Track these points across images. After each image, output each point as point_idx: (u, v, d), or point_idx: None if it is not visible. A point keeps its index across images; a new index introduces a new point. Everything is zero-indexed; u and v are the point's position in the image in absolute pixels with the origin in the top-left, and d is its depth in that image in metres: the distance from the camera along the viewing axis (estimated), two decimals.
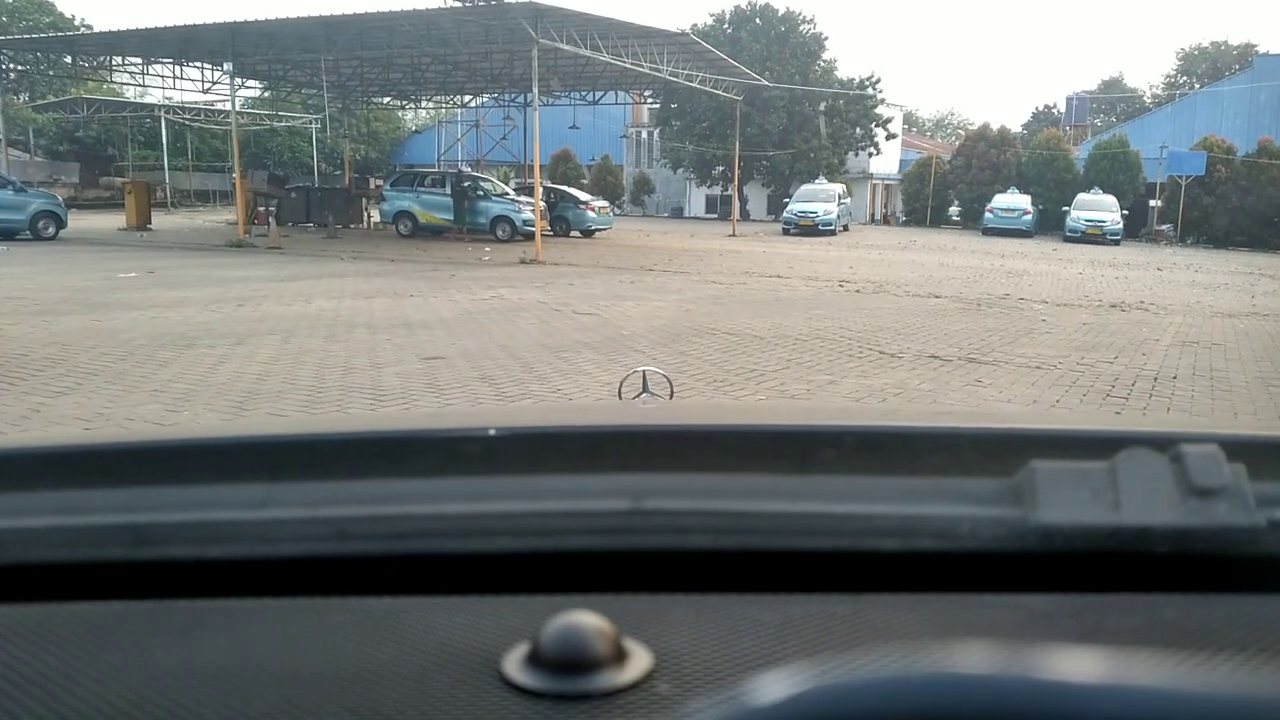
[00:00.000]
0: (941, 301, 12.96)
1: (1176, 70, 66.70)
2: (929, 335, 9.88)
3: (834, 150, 39.03)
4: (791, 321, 10.54)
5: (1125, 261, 23.52)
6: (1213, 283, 18.07)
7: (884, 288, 14.74)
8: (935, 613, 0.53)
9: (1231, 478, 0.55)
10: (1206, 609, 0.54)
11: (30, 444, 0.87)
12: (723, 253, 21.94)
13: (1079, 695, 0.27)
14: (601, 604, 0.52)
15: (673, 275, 16.01)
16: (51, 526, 0.61)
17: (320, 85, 22.61)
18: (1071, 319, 11.59)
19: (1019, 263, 21.70)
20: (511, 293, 12.47)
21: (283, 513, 0.62)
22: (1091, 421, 1.59)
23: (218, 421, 5.57)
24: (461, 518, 0.60)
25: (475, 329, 9.54)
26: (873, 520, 0.58)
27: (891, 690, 0.29)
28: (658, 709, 0.44)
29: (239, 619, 0.54)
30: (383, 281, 13.50)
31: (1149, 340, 10.06)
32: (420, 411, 5.89)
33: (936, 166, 38.44)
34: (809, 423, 0.83)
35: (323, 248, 19.82)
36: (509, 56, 23.76)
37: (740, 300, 12.51)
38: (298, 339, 8.71)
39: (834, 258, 21.42)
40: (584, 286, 13.58)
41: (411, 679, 0.47)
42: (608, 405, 1.92)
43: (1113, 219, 30.55)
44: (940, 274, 17.82)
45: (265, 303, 10.95)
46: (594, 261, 18.37)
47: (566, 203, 26.26)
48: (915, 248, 25.67)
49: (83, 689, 0.47)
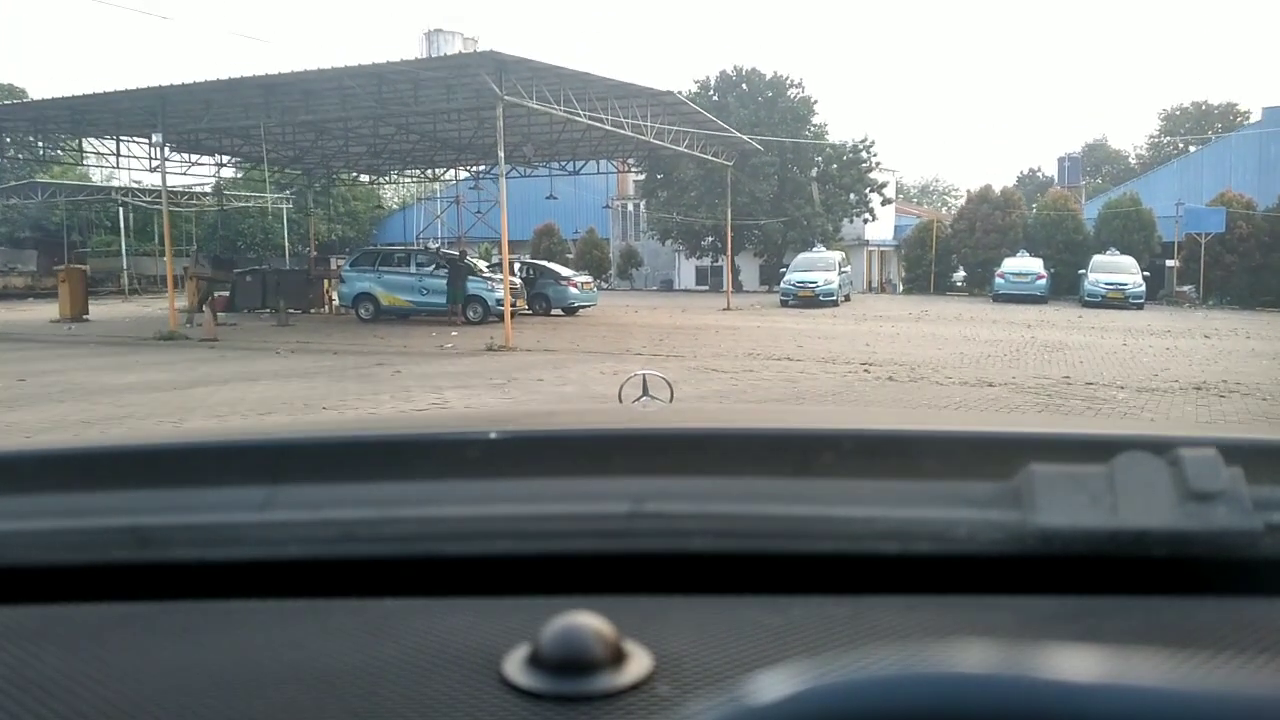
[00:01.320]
0: (999, 391, 10.54)
1: (1159, 131, 66.00)
2: None
3: (828, 217, 37.11)
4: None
5: (1163, 328, 21.28)
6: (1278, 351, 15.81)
7: (919, 372, 12.35)
8: (934, 615, 0.54)
9: (1229, 481, 0.54)
10: (1204, 611, 0.54)
11: (33, 448, 0.84)
12: (719, 329, 19.62)
13: (1077, 695, 0.27)
14: (602, 606, 0.52)
15: (665, 360, 13.60)
16: (55, 529, 0.62)
17: (268, 158, 20.42)
18: (1176, 411, 9.19)
19: (1050, 333, 19.43)
20: (461, 395, 9.97)
21: (284, 515, 0.62)
22: (1089, 425, 1.49)
23: (219, 425, 5.00)
24: (462, 520, 0.61)
25: None
26: (872, 523, 0.58)
27: (890, 690, 0.29)
28: (658, 710, 0.45)
29: (240, 620, 0.55)
30: (304, 385, 10.99)
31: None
32: (421, 415, 5.35)
33: (938, 230, 36.48)
34: (808, 426, 0.82)
35: (266, 338, 17.40)
36: (478, 123, 21.70)
37: (753, 396, 10.08)
38: None
39: (845, 333, 19.09)
40: (556, 381, 11.14)
41: (412, 680, 0.48)
42: (608, 409, 1.78)
43: (1134, 281, 28.44)
44: (972, 350, 15.48)
45: (129, 420, 8.42)
46: (573, 345, 15.98)
47: (546, 278, 24.00)
48: (929, 318, 23.41)
49: (85, 690, 0.47)
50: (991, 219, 34.78)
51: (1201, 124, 62.57)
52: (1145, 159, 61.81)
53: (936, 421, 1.25)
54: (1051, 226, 34.10)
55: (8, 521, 0.63)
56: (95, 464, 0.73)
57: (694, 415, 1.29)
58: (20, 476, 0.71)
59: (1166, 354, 15.63)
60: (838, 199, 37.55)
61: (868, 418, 1.45)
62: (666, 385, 1.63)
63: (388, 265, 21.75)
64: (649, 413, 1.32)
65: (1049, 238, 33.84)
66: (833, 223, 37.33)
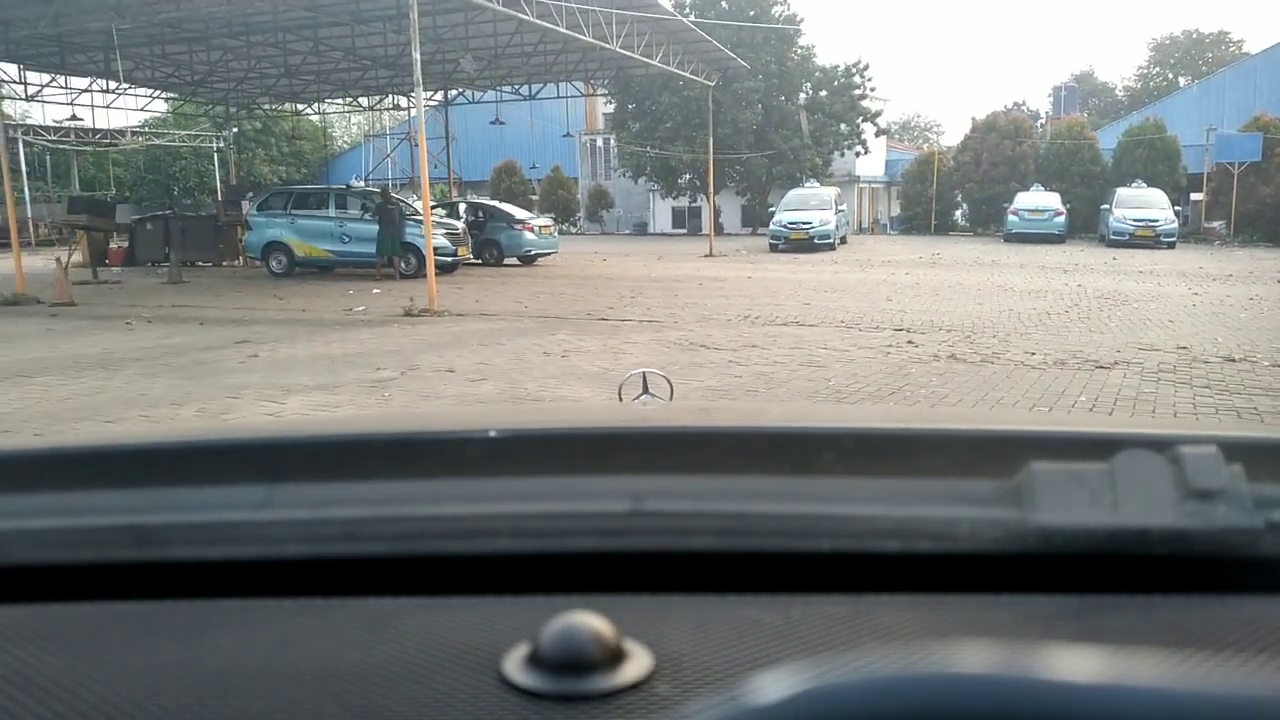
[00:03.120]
0: (1130, 380, 7.20)
1: (1149, 61, 62.63)
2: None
3: (817, 150, 33.49)
4: None
5: (1221, 272, 18.09)
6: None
7: (981, 343, 9.04)
8: (935, 614, 0.54)
9: (1230, 479, 0.54)
10: (1205, 610, 0.54)
11: (32, 446, 0.84)
12: (703, 281, 16.21)
13: (1078, 695, 0.28)
14: (602, 605, 0.52)
15: (636, 330, 10.22)
16: (53, 528, 0.62)
17: (174, 86, 16.60)
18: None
19: (1097, 280, 16.19)
20: (316, 401, 6.49)
21: (283, 514, 0.62)
22: (1090, 423, 1.46)
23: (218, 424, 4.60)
24: (462, 519, 0.61)
25: None
26: (872, 521, 0.58)
27: (890, 690, 0.29)
28: (658, 710, 0.45)
29: (240, 619, 0.55)
30: (96, 382, 7.50)
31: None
32: (421, 413, 4.64)
33: (941, 163, 32.96)
34: (809, 424, 0.81)
35: (138, 300, 13.83)
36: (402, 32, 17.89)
37: (764, 392, 6.71)
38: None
39: (855, 284, 15.73)
40: (472, 373, 7.69)
41: (412, 679, 0.48)
42: (608, 406, 1.77)
43: (1166, 217, 25.20)
44: (1022, 307, 12.20)
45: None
46: (519, 307, 12.53)
47: (497, 222, 20.39)
48: (944, 264, 20.08)
49: (84, 689, 0.47)
50: (1000, 149, 31.32)
51: (1192, 54, 59.64)
52: (1134, 91, 58.66)
53: (937, 419, 1.20)
54: (1066, 157, 30.72)
55: (6, 521, 0.63)
56: (94, 462, 0.73)
57: (694, 413, 1.19)
58: (18, 475, 0.71)
59: (1257, 306, 12.43)
60: (828, 130, 33.91)
61: (868, 415, 1.51)
62: (666, 383, 1.59)
63: (303, 208, 18.02)
64: (649, 410, 1.26)
65: (1064, 170, 30.49)
66: (822, 156, 33.74)
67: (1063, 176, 30.09)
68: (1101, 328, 10.31)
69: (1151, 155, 29.60)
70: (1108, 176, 29.80)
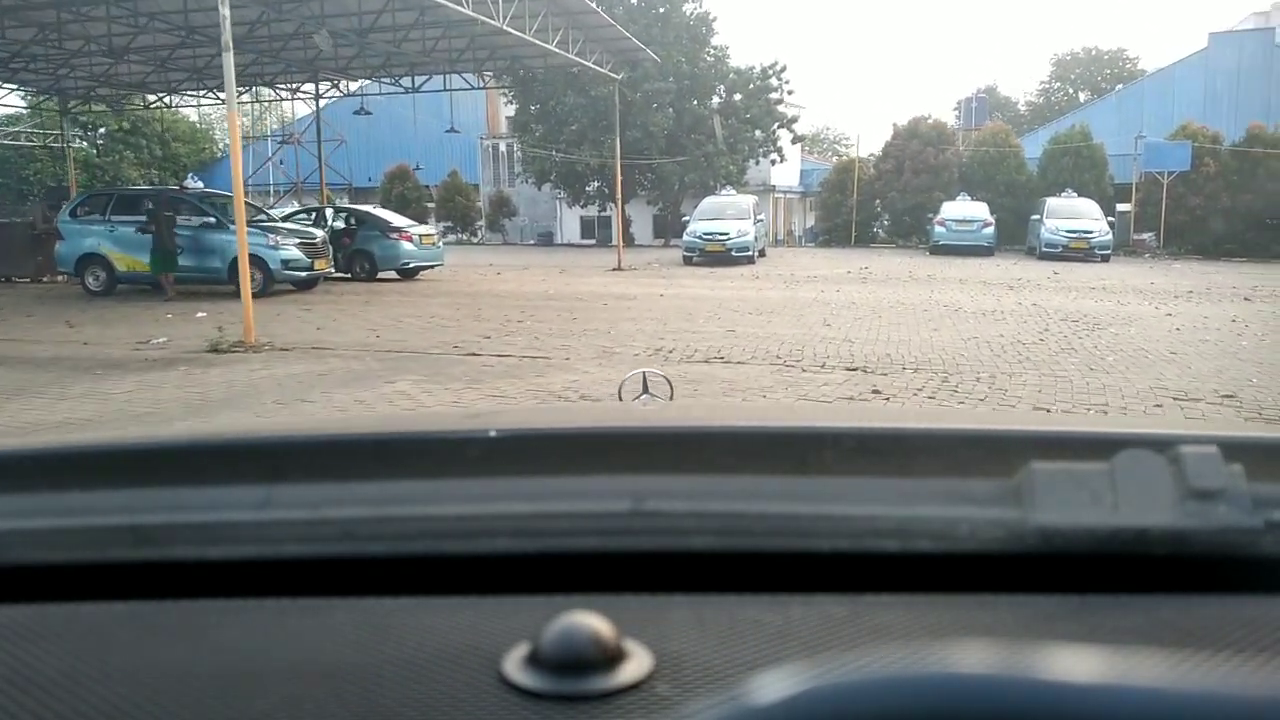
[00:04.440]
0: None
1: (1051, 77, 63.09)
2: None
3: (732, 157, 31.45)
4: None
5: (1178, 288, 16.48)
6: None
7: (957, 386, 6.83)
8: (935, 614, 0.53)
9: (1230, 479, 0.54)
10: (1205, 610, 0.54)
11: (31, 446, 0.84)
12: (608, 301, 13.81)
13: (1078, 695, 0.27)
14: (602, 605, 0.52)
15: (511, 374, 7.72)
16: (53, 528, 0.62)
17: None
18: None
19: (1050, 297, 14.34)
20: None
21: (283, 514, 0.62)
22: (1090, 423, 1.40)
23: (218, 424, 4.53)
24: (462, 518, 0.60)
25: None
26: (872, 521, 0.58)
27: (890, 690, 0.29)
28: (658, 710, 0.44)
29: (239, 619, 0.55)
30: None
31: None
32: (421, 413, 4.77)
33: (861, 172, 31.23)
34: (809, 424, 0.81)
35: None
36: (261, 4, 15.03)
37: None
38: None
39: (782, 304, 13.50)
40: None
41: (412, 679, 0.47)
42: (608, 406, 1.73)
43: (1100, 228, 23.75)
44: (985, 332, 10.12)
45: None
46: (371, 337, 9.90)
47: (370, 230, 17.61)
48: (876, 279, 18.07)
49: (84, 689, 0.47)
50: (923, 156, 29.68)
51: (1092, 70, 60.16)
52: (1036, 105, 58.74)
53: (937, 419, 1.18)
54: (991, 166, 29.24)
55: (6, 521, 0.63)
56: (94, 462, 0.73)
57: (694, 413, 1.20)
58: (18, 475, 0.71)
59: (1249, 330, 10.62)
60: (743, 136, 31.92)
61: (868, 415, 1.43)
62: (666, 383, 1.58)
63: (126, 214, 14.99)
64: (648, 410, 1.26)
65: (988, 178, 28.99)
66: (737, 164, 31.72)
67: (987, 185, 28.60)
68: (1098, 363, 8.22)
69: (1078, 164, 28.30)
70: (1033, 186, 28.42)
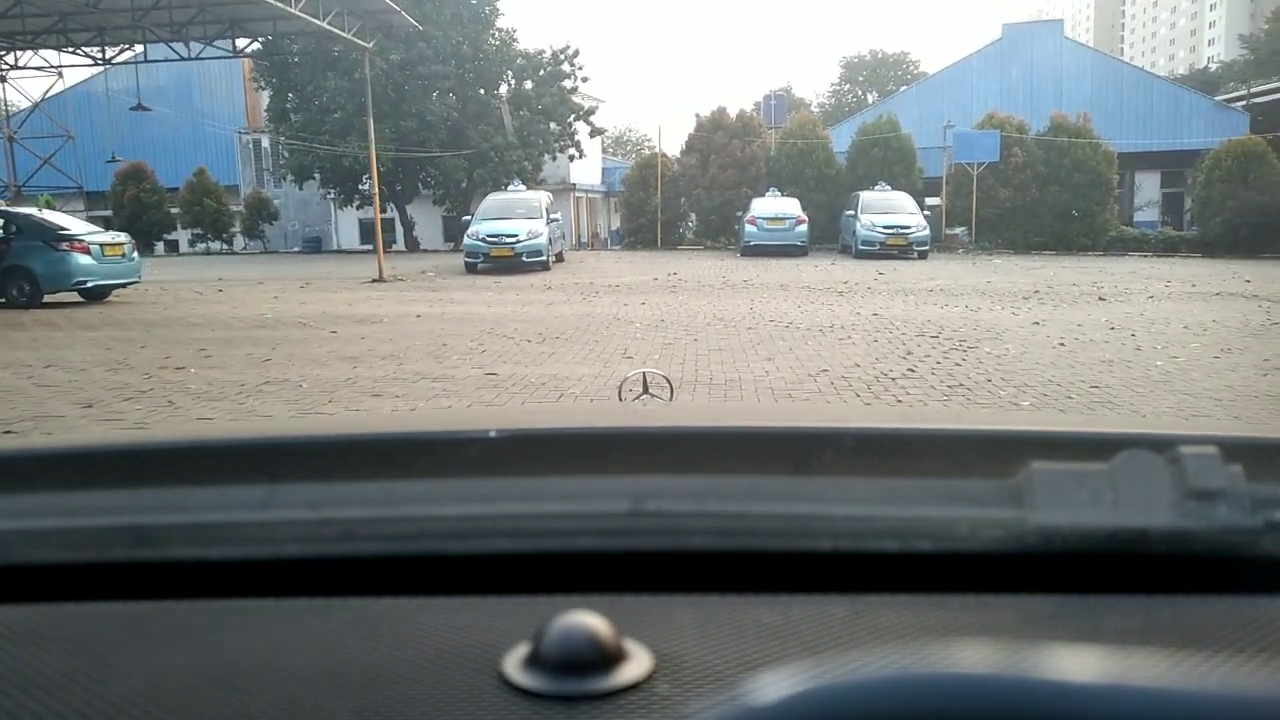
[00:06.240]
0: None
1: (840, 79, 64.34)
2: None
3: (525, 152, 28.24)
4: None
5: (1028, 289, 14.63)
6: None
7: None
8: (934, 614, 0.53)
9: (1229, 480, 0.54)
10: (1204, 610, 0.54)
11: (33, 446, 0.84)
12: (341, 325, 10.29)
13: (1077, 695, 0.27)
14: (602, 605, 0.52)
15: None
16: (54, 528, 0.62)
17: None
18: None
19: (888, 304, 12.01)
20: None
21: (284, 514, 0.62)
22: (1090, 424, 1.44)
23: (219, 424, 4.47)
24: (462, 519, 0.60)
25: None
26: (872, 521, 0.58)
27: (890, 690, 0.29)
28: (658, 709, 0.44)
29: (240, 619, 0.55)
30: None
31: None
32: (421, 413, 4.60)
33: (665, 167, 28.69)
34: (809, 425, 0.81)
35: None
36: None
37: None
38: None
39: (574, 324, 10.38)
40: None
41: (412, 679, 0.47)
42: (608, 407, 1.78)
43: (918, 223, 22.10)
44: (833, 359, 7.47)
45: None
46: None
47: (30, 240, 13.23)
48: (686, 287, 15.32)
49: (84, 689, 0.47)
50: (729, 150, 27.46)
51: (879, 72, 61.51)
52: (828, 107, 59.31)
53: (937, 419, 1.19)
54: (799, 159, 27.35)
55: (7, 520, 0.63)
56: (94, 462, 0.73)
57: (694, 414, 1.19)
58: (19, 475, 0.71)
59: (1122, 335, 8.44)
60: (536, 128, 28.76)
61: (868, 415, 1.44)
62: (666, 383, 1.56)
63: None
64: (648, 411, 1.23)
65: (797, 173, 27.08)
66: (531, 159, 28.52)
67: (797, 180, 26.68)
68: (1008, 407, 5.54)
69: (888, 156, 26.81)
70: (844, 180, 26.76)
